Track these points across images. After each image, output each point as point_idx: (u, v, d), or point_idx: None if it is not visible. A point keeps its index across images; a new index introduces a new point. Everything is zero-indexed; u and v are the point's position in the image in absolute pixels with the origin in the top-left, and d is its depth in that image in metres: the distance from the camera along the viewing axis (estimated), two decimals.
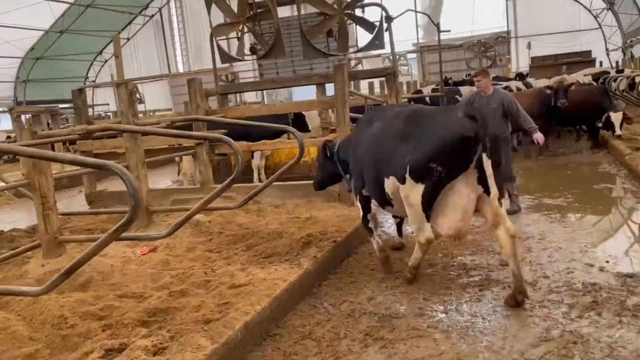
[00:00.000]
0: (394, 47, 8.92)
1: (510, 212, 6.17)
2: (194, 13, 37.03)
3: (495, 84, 15.21)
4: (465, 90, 13.63)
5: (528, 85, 12.98)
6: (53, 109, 14.16)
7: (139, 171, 5.73)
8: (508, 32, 30.14)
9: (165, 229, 5.79)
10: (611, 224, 6.13)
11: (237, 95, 27.69)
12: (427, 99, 14.20)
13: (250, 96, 32.81)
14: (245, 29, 10.04)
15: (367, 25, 9.16)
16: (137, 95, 34.34)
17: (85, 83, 39.16)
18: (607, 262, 4.63)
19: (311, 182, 6.84)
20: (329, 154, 5.27)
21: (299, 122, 9.69)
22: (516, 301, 3.83)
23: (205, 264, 4.83)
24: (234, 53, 10.99)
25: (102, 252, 5.30)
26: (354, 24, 9.83)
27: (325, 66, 21.13)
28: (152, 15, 38.19)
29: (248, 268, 4.45)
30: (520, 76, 15.81)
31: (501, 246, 3.99)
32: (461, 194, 3.88)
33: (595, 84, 14.08)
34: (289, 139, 7.86)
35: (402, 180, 4.03)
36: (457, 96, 13.58)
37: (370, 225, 4.92)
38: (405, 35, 31.48)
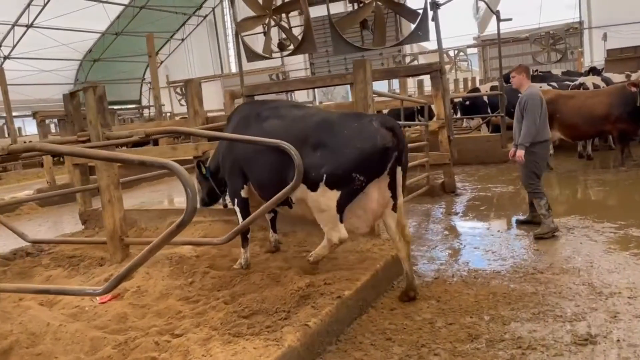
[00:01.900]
0: (440, 39, 7.50)
1: (541, 236, 5.55)
2: (246, 12, 36.49)
3: (568, 80, 13.41)
4: (527, 95, 11.87)
5: (607, 82, 11.08)
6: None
7: (111, 193, 4.69)
8: (580, 23, 27.41)
9: (142, 266, 4.77)
10: None
11: (287, 95, 26.82)
12: (485, 98, 12.58)
13: (301, 95, 31.82)
14: (272, 23, 8.90)
15: (409, 13, 7.76)
16: None
17: (142, 84, 39.76)
18: None
19: None
20: (203, 172, 5.06)
21: None
22: (409, 297, 4.18)
23: (169, 323, 3.69)
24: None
25: (51, 297, 4.36)
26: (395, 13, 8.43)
27: (380, 62, 19.63)
28: (206, 16, 38.04)
29: (212, 340, 3.25)
30: (593, 71, 13.80)
31: (397, 249, 4.22)
32: (372, 198, 4.01)
33: None
34: None
35: (314, 188, 3.98)
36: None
37: (249, 235, 4.78)
38: (465, 29, 29.47)
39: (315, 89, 32.45)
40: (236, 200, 4.70)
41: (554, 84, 11.95)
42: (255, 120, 4.54)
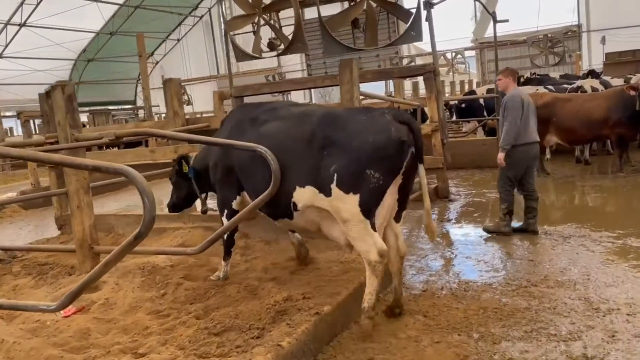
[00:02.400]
0: (434, 40, 7.25)
1: (488, 229, 5.95)
2: (241, 11, 36.32)
3: (566, 83, 13.16)
4: (527, 90, 11.64)
5: (606, 85, 10.85)
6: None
7: (80, 199, 4.42)
8: (579, 26, 27.26)
9: (112, 276, 4.52)
10: None
11: (284, 95, 26.58)
12: (482, 100, 12.36)
13: (297, 97, 31.58)
14: (262, 22, 8.64)
15: (402, 13, 7.51)
16: (185, 97, 34.18)
17: (137, 84, 39.45)
18: None
19: None
20: (185, 170, 4.63)
21: None
22: (393, 313, 3.88)
23: (134, 340, 3.43)
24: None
25: (12, 312, 4.09)
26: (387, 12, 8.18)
27: (377, 64, 19.37)
28: (202, 16, 37.77)
29: None
30: (592, 74, 13.57)
31: (388, 261, 3.71)
32: (385, 201, 3.56)
33: None
34: None
35: (327, 192, 3.52)
36: None
37: (233, 248, 4.47)
38: (463, 31, 29.34)
39: (312, 90, 32.28)
40: (225, 212, 4.29)
41: (550, 87, 11.71)
42: (250, 124, 4.15)
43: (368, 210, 3.45)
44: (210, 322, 3.56)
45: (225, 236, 4.28)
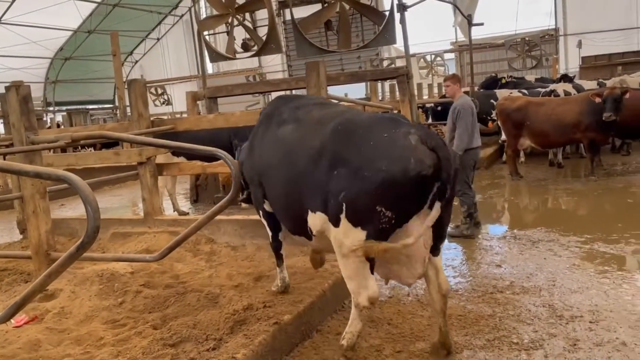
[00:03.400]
0: (407, 42, 7.22)
1: (451, 234, 5.86)
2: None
3: (541, 86, 13.28)
4: (502, 93, 11.72)
5: (579, 89, 10.95)
6: None
7: (36, 204, 4.26)
8: (556, 30, 27.64)
9: (67, 283, 4.37)
10: None
11: (265, 96, 26.41)
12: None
13: None
14: (235, 22, 8.53)
15: (375, 15, 7.47)
16: (165, 97, 33.80)
17: (116, 84, 38.87)
18: None
19: None
20: None
21: None
22: (438, 354, 3.28)
23: (86, 352, 3.30)
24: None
25: None
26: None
27: (358, 66, 19.38)
28: (182, 15, 37.37)
29: None
30: (565, 78, 13.70)
31: (432, 300, 3.25)
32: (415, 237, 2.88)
33: None
34: None
35: (336, 222, 2.96)
36: (492, 100, 11.71)
37: (282, 251, 3.99)
38: (443, 34, 29.46)
39: (293, 92, 32.16)
40: (261, 213, 3.90)
41: (524, 90, 11.79)
42: (275, 122, 3.64)
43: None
44: (167, 332, 3.44)
45: (270, 243, 3.97)
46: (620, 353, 3.17)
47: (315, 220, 3.14)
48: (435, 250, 3.10)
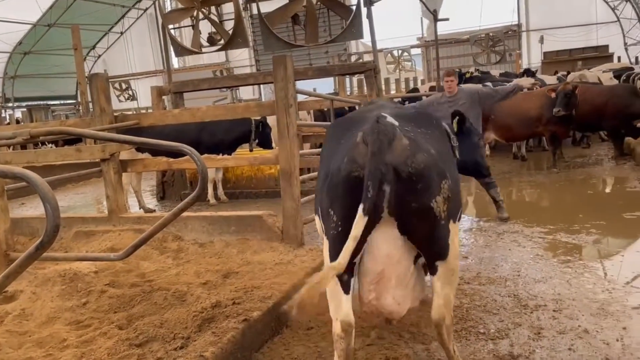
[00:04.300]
0: (374, 37, 7.24)
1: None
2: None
3: (505, 81, 13.54)
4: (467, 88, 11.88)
5: (540, 84, 11.20)
6: None
7: None
8: (519, 26, 28.23)
9: (28, 284, 4.24)
10: None
11: (233, 91, 26.15)
12: (424, 98, 12.51)
13: (246, 92, 31.17)
14: (201, 15, 8.40)
15: (342, 9, 7.46)
16: (130, 92, 33.05)
17: (78, 79, 37.83)
18: None
19: (249, 213, 5.31)
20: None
21: (263, 131, 8.05)
22: None
23: (48, 354, 3.20)
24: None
25: None
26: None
27: (326, 60, 19.38)
28: (147, 9, 36.59)
29: None
30: (527, 72, 14.04)
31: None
32: (379, 252, 2.54)
33: (617, 81, 12.26)
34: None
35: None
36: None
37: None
38: (411, 29, 29.70)
39: (262, 86, 31.94)
40: None
41: (489, 84, 11.99)
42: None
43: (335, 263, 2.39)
44: (133, 332, 3.37)
45: None
46: (583, 340, 3.26)
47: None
48: (430, 269, 2.65)
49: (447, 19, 10.42)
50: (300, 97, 8.75)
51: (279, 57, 4.54)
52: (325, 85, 19.41)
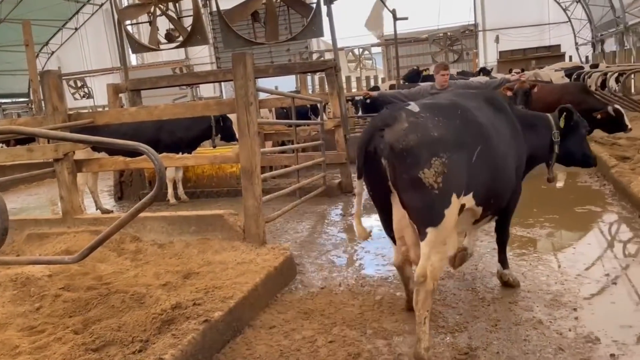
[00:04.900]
0: (334, 35, 7.26)
1: None
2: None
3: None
4: (458, 82, 12.08)
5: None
6: None
7: None
8: (475, 25, 28.91)
9: None
10: (609, 275, 4.57)
11: (193, 89, 25.73)
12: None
13: (207, 90, 30.74)
14: (158, 12, 8.23)
15: (302, 7, 7.45)
16: (85, 90, 32.08)
17: (30, 76, 36.46)
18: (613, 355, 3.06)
19: (210, 212, 5.25)
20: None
21: (225, 126, 7.98)
22: None
23: None
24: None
25: None
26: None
27: (287, 58, 19.28)
28: (102, 4, 35.60)
29: None
30: (483, 71, 14.41)
31: None
32: (396, 218, 3.38)
33: (568, 80, 12.72)
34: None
35: None
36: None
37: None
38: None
39: (222, 84, 31.56)
40: None
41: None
42: None
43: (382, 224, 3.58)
44: (89, 336, 3.28)
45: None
46: (537, 331, 3.37)
47: None
48: (421, 234, 3.09)
49: (406, 18, 10.54)
50: (262, 95, 8.73)
51: (238, 54, 4.50)
52: (287, 83, 19.37)
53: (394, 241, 3.52)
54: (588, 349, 3.12)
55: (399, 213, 3.28)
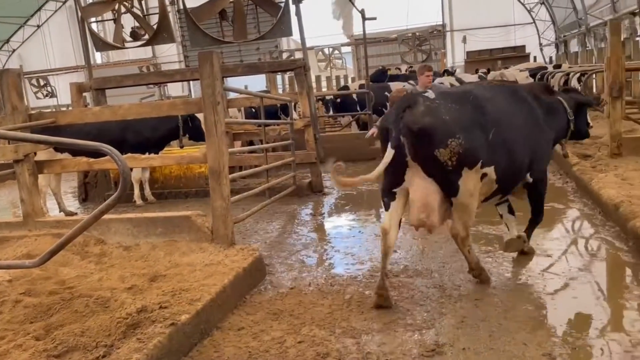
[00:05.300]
0: (303, 34, 7.25)
1: None
2: None
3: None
4: (395, 86, 12.20)
5: (460, 81, 11.71)
6: None
7: None
8: (443, 26, 29.31)
9: None
10: (572, 271, 4.70)
11: (161, 88, 25.30)
12: (355, 96, 12.71)
13: (175, 89, 30.27)
14: (123, 9, 8.07)
15: (271, 6, 7.41)
16: (48, 88, 31.19)
17: None
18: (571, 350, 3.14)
19: (177, 214, 5.19)
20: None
21: (193, 125, 7.87)
22: None
23: None
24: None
25: None
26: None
27: (257, 58, 19.18)
28: (65, 1, 34.68)
29: None
30: (447, 72, 14.66)
31: None
32: (417, 187, 3.75)
33: (533, 80, 13.01)
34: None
35: None
36: (387, 93, 12.15)
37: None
38: (340, 28, 30.02)
39: (191, 82, 31.14)
40: None
41: (413, 82, 12.38)
42: None
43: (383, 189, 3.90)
44: (51, 342, 3.19)
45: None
46: (502, 326, 3.43)
47: None
48: (450, 202, 3.79)
49: (374, 18, 10.61)
50: (232, 94, 8.66)
51: (205, 53, 4.44)
52: (258, 83, 19.24)
53: (387, 207, 3.88)
54: (552, 343, 3.19)
55: (417, 183, 3.70)
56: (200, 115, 7.27)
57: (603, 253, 4.78)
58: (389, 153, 3.59)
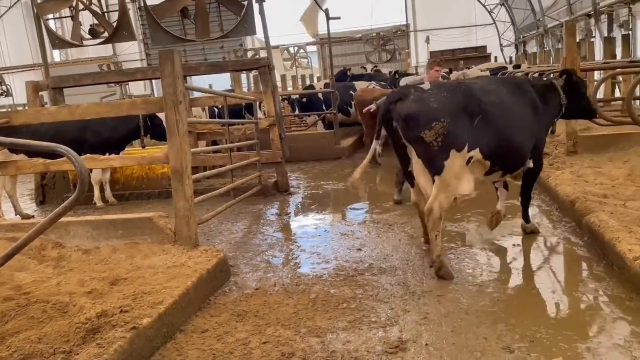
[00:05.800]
0: (267, 33, 7.21)
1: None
2: None
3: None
4: (360, 85, 12.28)
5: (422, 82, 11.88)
6: None
7: None
8: (407, 26, 29.68)
9: None
10: (531, 266, 4.83)
11: (122, 87, 24.75)
12: (320, 95, 12.72)
13: (137, 88, 29.67)
14: (81, 6, 7.85)
15: (233, 4, 7.34)
16: (3, 87, 30.11)
17: None
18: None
19: (138, 215, 5.09)
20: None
21: (154, 124, 7.72)
22: None
23: None
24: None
25: None
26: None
27: (221, 56, 18.93)
28: None
29: None
30: (397, 73, 14.85)
31: None
32: (416, 166, 4.45)
33: None
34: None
35: None
36: (351, 92, 12.21)
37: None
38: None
39: (153, 81, 30.56)
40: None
41: (382, 82, 12.51)
42: None
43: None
44: (7, 350, 3.08)
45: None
46: (463, 321, 3.50)
47: None
48: (433, 181, 4.26)
49: (338, 18, 10.65)
50: (196, 93, 8.53)
51: (165, 51, 4.36)
52: (223, 81, 19.03)
53: (412, 185, 4.62)
54: (510, 336, 3.27)
55: (416, 162, 4.33)
56: (162, 115, 7.16)
57: (560, 248, 4.94)
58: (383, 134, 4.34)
